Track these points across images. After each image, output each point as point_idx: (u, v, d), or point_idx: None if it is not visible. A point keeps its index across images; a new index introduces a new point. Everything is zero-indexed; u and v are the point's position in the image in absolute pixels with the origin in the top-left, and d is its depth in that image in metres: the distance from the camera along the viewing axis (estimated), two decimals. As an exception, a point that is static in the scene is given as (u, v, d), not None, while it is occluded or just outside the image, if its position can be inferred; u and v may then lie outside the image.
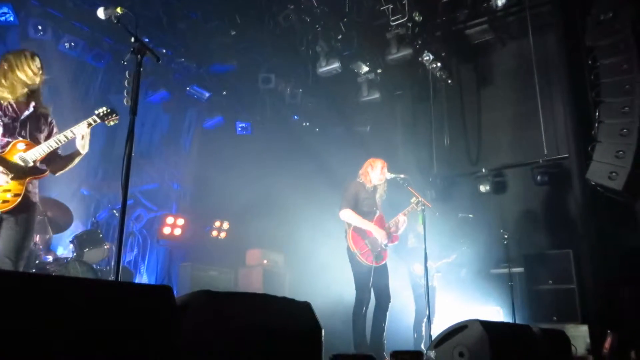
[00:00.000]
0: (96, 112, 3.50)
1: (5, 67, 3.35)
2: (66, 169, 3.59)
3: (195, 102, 9.12)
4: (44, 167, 3.42)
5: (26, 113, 3.40)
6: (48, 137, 3.48)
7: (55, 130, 3.57)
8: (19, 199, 3.21)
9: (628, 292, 6.31)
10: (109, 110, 3.51)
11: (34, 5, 6.65)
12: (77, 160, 3.55)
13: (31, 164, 3.30)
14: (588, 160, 6.34)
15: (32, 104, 3.45)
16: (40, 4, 6.68)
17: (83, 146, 3.48)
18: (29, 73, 3.38)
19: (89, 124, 3.46)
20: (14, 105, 3.36)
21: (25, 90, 3.40)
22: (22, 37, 6.78)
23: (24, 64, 3.36)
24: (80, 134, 3.43)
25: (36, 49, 6.97)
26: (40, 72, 3.46)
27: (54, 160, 3.51)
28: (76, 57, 7.22)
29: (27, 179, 3.28)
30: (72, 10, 6.91)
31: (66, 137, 3.39)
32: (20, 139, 3.32)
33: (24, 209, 3.26)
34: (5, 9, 6.29)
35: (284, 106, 9.32)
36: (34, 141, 3.38)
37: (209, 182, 9.11)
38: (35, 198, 3.39)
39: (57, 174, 3.61)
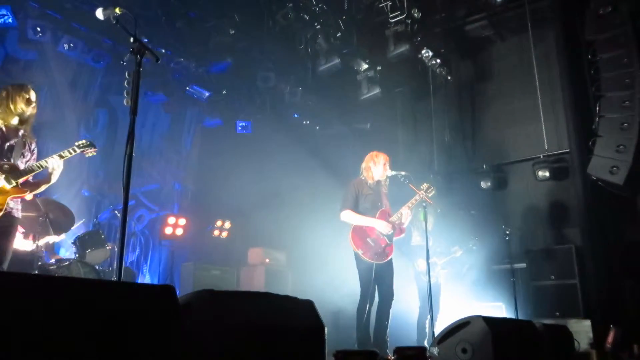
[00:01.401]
0: (77, 143, 3.81)
1: (4, 96, 3.67)
2: (31, 194, 3.84)
3: (195, 102, 9.12)
4: (25, 188, 3.69)
5: (14, 139, 3.69)
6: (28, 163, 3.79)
7: (35, 157, 3.85)
8: (2, 212, 3.50)
9: (630, 287, 6.32)
10: (88, 143, 3.84)
11: (33, 7, 6.65)
12: (43, 187, 3.81)
13: (14, 184, 3.58)
14: (589, 155, 6.33)
15: (21, 131, 3.75)
16: (38, 6, 6.68)
17: (53, 176, 3.74)
18: (23, 105, 3.69)
19: (69, 153, 3.75)
20: (4, 130, 3.66)
21: (17, 119, 3.72)
22: (21, 38, 6.79)
23: (20, 96, 3.68)
24: (55, 165, 3.70)
25: (35, 50, 7.04)
26: (34, 104, 3.76)
27: (27, 184, 3.76)
28: (75, 58, 7.23)
29: (9, 197, 3.56)
30: (70, 12, 6.91)
31: (40, 165, 3.69)
32: (6, 160, 3.60)
33: (6, 222, 3.55)
34: (3, 11, 6.29)
35: (284, 105, 9.31)
36: (17, 165, 3.66)
37: (210, 182, 9.12)
38: (18, 214, 3.68)
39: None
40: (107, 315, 1.52)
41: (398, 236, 5.14)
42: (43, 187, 3.79)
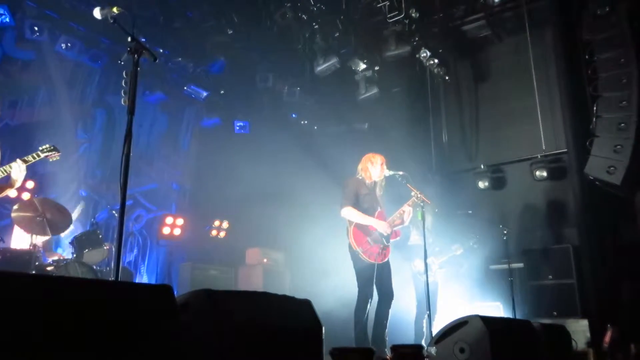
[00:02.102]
0: (40, 148, 3.77)
1: None
2: None
3: (193, 102, 9.11)
4: None
5: None
6: None
7: None
8: None
9: (628, 286, 6.33)
10: (52, 147, 3.82)
11: (30, 6, 6.63)
12: (7, 192, 3.74)
13: None
14: (586, 155, 6.34)
15: None
16: (36, 5, 6.66)
17: (16, 181, 3.66)
18: None
19: (33, 158, 3.71)
20: None
21: None
22: (18, 38, 6.77)
23: None
24: (18, 170, 3.63)
25: (33, 50, 7.03)
26: None
27: None
28: (73, 57, 7.21)
29: None
30: (68, 11, 6.90)
31: (5, 171, 3.62)
32: None
33: None
34: (1, 10, 6.27)
35: (282, 105, 9.31)
36: None
37: (208, 182, 9.10)
38: None
39: None
40: (105, 315, 1.51)
41: (394, 239, 5.14)
42: (7, 192, 3.72)
